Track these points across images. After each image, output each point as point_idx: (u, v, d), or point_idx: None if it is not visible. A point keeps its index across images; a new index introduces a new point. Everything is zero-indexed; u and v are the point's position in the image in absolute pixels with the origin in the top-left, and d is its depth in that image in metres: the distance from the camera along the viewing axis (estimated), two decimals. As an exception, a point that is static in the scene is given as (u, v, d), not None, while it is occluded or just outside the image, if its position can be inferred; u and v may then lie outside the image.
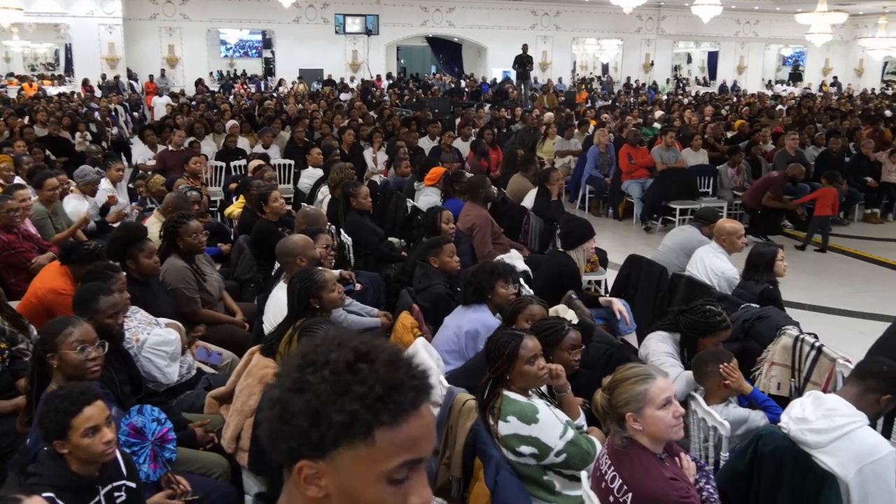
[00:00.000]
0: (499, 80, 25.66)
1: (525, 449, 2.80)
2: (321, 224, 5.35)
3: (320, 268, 3.76)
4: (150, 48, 25.11)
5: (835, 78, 31.89)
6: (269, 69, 30.84)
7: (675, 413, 2.53)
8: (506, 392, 2.89)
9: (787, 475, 2.79)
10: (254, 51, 34.41)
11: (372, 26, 26.00)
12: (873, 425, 3.53)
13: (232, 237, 6.99)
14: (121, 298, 3.49)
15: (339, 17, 25.74)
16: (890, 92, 27.80)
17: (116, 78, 23.10)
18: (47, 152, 9.41)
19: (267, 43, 31.83)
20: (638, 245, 8.67)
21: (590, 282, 6.53)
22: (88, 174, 7.13)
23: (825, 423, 2.72)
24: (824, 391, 3.51)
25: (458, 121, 14.29)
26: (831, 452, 2.69)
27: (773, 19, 30.62)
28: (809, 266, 8.48)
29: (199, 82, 24.23)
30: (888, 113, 17.98)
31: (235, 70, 33.35)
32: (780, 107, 20.10)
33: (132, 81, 23.96)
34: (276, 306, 4.00)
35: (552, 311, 4.38)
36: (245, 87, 26.35)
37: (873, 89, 28.93)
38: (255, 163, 8.17)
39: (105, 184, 7.45)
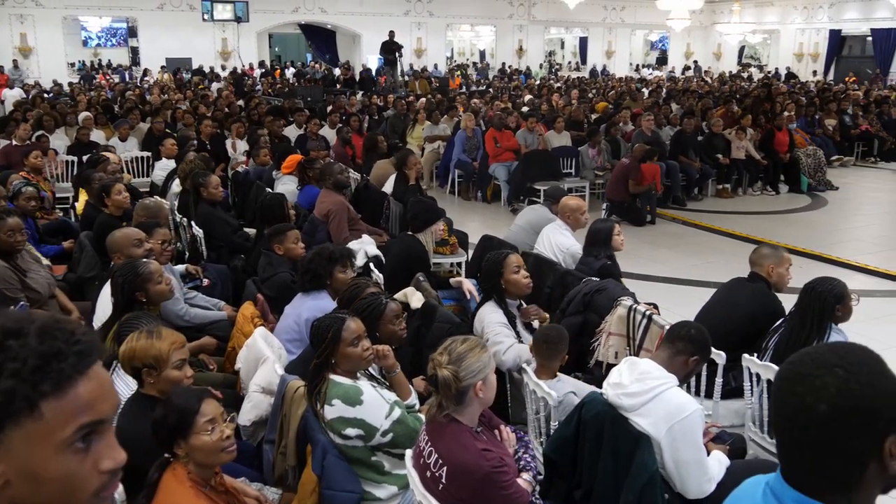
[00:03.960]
0: (374, 67, 25.52)
1: (351, 431, 2.79)
2: (161, 217, 5.15)
3: (146, 259, 3.61)
4: (0, 37, 23.50)
5: (695, 62, 33.49)
6: (135, 59, 29.51)
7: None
8: (331, 376, 2.87)
9: (607, 438, 2.90)
10: (122, 40, 32.91)
11: (241, 13, 25.27)
12: (699, 388, 3.76)
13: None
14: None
15: (206, 3, 24.85)
16: (745, 74, 29.46)
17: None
18: None
19: (132, 31, 30.43)
20: (505, 227, 8.82)
21: (451, 264, 6.61)
22: None
23: (638, 386, 2.83)
24: (655, 357, 3.67)
25: (328, 108, 14.14)
26: (644, 414, 2.80)
27: (637, 5, 31.84)
28: (666, 241, 8.90)
29: (55, 83, 22.82)
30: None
31: (100, 60, 31.78)
32: (644, 89, 20.93)
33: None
34: (106, 303, 3.83)
35: (400, 293, 4.40)
36: (108, 77, 25.08)
37: (730, 72, 30.58)
38: (102, 154, 7.81)
39: None
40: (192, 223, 6.04)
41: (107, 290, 3.87)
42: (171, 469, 2.35)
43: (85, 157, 9.36)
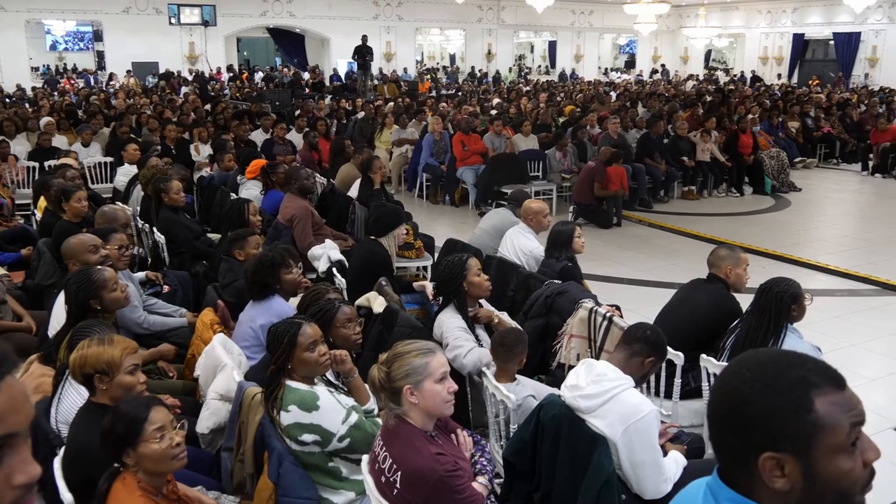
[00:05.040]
0: (344, 72, 25.47)
1: (307, 437, 2.77)
2: (121, 223, 5.07)
3: (100, 266, 3.56)
4: (-40, 41, 23.10)
5: (662, 65, 33.84)
6: (101, 63, 29.12)
7: (449, 388, 2.56)
8: (287, 381, 2.85)
9: (565, 440, 2.91)
10: (88, 44, 32.47)
11: (209, 17, 25.08)
12: (658, 388, 3.79)
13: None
14: None
15: (172, 7, 24.64)
16: (712, 77, 29.83)
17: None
18: None
19: (98, 35, 30.03)
20: (473, 231, 8.83)
21: (417, 268, 6.60)
22: None
23: (594, 388, 2.84)
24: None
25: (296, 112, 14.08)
26: (601, 416, 2.81)
27: (605, 10, 32.12)
28: (632, 243, 8.96)
29: (18, 87, 22.40)
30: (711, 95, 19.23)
31: (65, 64, 31.34)
32: (612, 93, 21.10)
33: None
34: (61, 311, 3.77)
35: (363, 298, 4.38)
36: (72, 82, 24.71)
37: (696, 75, 30.95)
38: (63, 160, 7.71)
39: None
40: (154, 229, 5.98)
41: (62, 297, 3.80)
42: (121, 478, 2.32)
43: (46, 163, 9.25)
